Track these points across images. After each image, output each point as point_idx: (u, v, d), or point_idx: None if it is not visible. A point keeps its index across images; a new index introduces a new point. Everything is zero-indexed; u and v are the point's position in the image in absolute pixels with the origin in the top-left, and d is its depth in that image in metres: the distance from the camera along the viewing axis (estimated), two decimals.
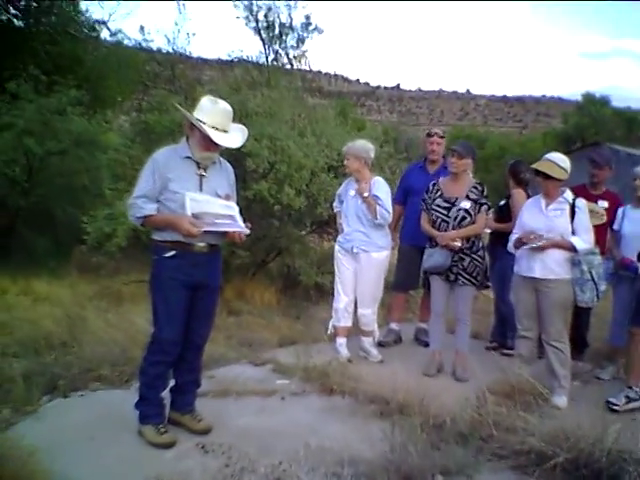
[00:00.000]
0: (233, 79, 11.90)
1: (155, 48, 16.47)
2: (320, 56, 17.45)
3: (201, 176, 3.25)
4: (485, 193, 4.51)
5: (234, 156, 7.67)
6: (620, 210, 4.71)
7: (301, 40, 18.92)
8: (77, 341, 5.17)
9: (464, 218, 4.44)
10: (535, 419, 3.45)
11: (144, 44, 15.32)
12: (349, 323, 4.88)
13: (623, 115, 44.84)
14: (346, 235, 4.84)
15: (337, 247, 4.95)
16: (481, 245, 4.55)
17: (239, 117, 7.71)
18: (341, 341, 4.88)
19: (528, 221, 4.22)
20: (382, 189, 4.73)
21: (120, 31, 15.07)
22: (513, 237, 4.31)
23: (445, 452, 3.15)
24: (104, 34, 15.28)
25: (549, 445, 3.05)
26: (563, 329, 4.16)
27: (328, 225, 8.56)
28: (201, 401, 3.59)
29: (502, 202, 5.29)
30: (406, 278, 5.29)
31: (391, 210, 4.76)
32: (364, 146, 4.77)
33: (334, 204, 5.20)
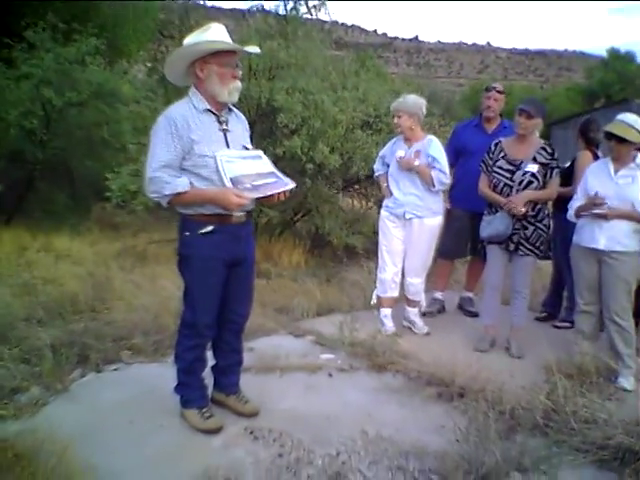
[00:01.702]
0: (252, 29, 11.41)
1: None
2: (337, 5, 16.75)
3: (224, 131, 2.80)
4: (555, 155, 4.09)
5: (263, 110, 7.31)
6: None
7: None
8: (105, 306, 4.93)
9: (530, 182, 4.03)
10: (613, 406, 3.16)
11: None
12: (396, 293, 4.55)
13: None
14: (396, 200, 4.42)
15: (384, 213, 4.52)
16: (547, 213, 4.16)
17: (269, 69, 7.30)
18: (386, 312, 4.56)
19: (594, 188, 3.81)
20: (439, 149, 4.33)
21: None
22: (575, 204, 3.92)
23: (519, 445, 2.86)
24: None
25: (635, 439, 2.75)
26: (627, 305, 3.82)
27: (360, 184, 8.20)
28: (244, 378, 3.30)
29: (567, 164, 4.86)
30: (455, 245, 4.93)
31: (449, 174, 4.37)
32: (416, 101, 4.35)
33: (375, 166, 4.76)
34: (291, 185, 2.84)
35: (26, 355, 3.77)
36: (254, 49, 2.95)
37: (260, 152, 2.92)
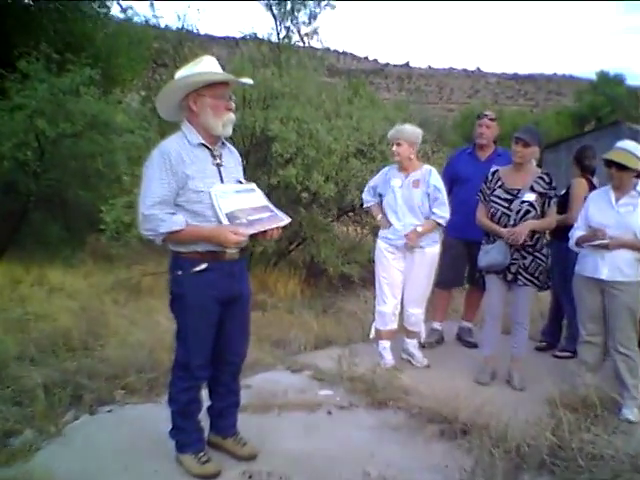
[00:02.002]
0: (245, 57, 11.48)
1: (164, 25, 16.01)
2: (329, 33, 16.94)
3: (218, 165, 2.74)
4: (553, 184, 4.06)
5: (257, 139, 7.32)
6: None
7: (313, 16, 18.34)
8: (99, 342, 4.84)
9: (528, 212, 4.00)
10: (620, 440, 3.09)
11: (154, 21, 14.89)
12: (395, 326, 4.48)
13: (637, 94, 44.05)
14: (396, 231, 4.35)
15: (383, 244, 4.43)
16: (544, 242, 4.13)
17: (263, 99, 7.33)
18: (385, 345, 4.48)
19: (595, 216, 3.78)
20: (439, 180, 4.33)
21: (130, 8, 14.56)
22: (575, 233, 3.89)
23: None
24: (114, 10, 14.78)
25: None
26: (633, 335, 3.76)
27: (355, 212, 8.18)
28: (241, 417, 3.19)
29: (563, 191, 4.85)
30: (452, 274, 4.88)
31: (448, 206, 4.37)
32: (415, 130, 4.33)
33: (365, 197, 4.66)
34: (286, 220, 2.80)
35: (18, 396, 3.69)
36: (247, 80, 2.91)
37: (253, 185, 2.86)
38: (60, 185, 9.36)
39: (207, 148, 2.73)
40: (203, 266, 2.68)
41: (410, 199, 4.31)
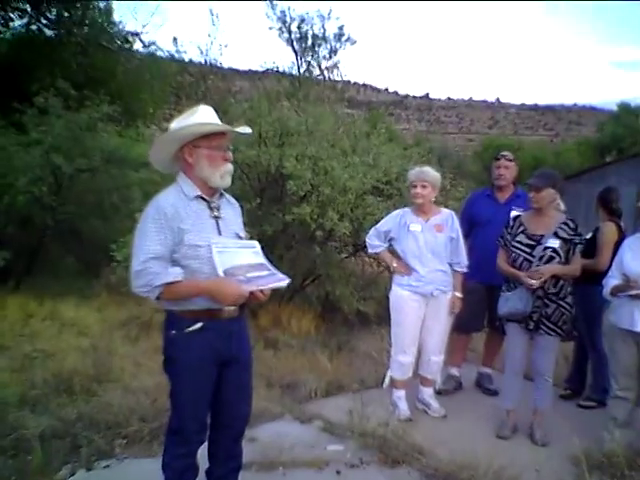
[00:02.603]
0: (264, 90, 11.52)
1: (187, 59, 16.27)
2: (349, 66, 17.16)
3: (216, 218, 2.59)
4: (579, 230, 3.87)
5: (272, 176, 7.24)
6: None
7: (333, 51, 18.53)
8: (102, 386, 4.70)
9: (552, 258, 3.79)
10: None
11: (177, 55, 15.11)
12: (410, 374, 4.29)
13: None
14: (421, 277, 4.15)
15: (405, 293, 4.19)
16: (570, 291, 3.90)
17: (279, 136, 7.26)
18: (400, 394, 4.28)
19: (632, 265, 3.57)
20: (458, 226, 4.20)
21: (154, 43, 14.77)
22: (610, 282, 3.67)
23: None
24: (137, 45, 15.01)
25: None
26: None
27: None
28: (244, 476, 2.99)
29: (589, 235, 4.66)
30: (470, 319, 4.65)
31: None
32: (437, 173, 4.21)
33: (372, 242, 4.40)
34: (286, 281, 2.59)
35: (16, 446, 3.54)
36: (245, 130, 2.76)
37: (255, 243, 2.69)
38: (76, 219, 9.36)
39: (204, 200, 2.59)
40: (198, 325, 2.50)
41: (435, 244, 4.15)
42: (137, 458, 3.50)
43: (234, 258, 2.50)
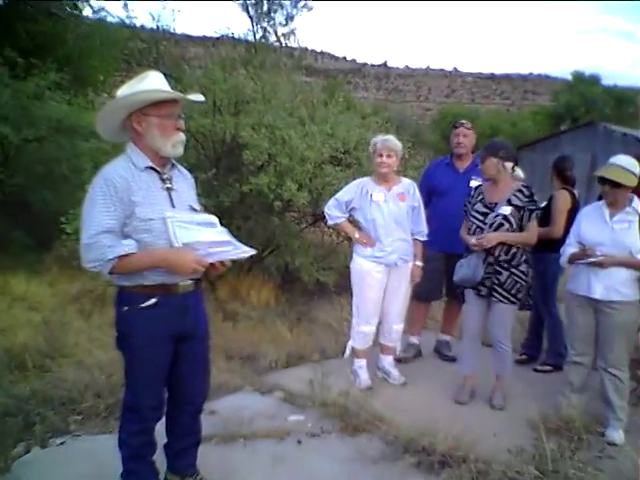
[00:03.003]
0: (218, 57, 11.20)
1: (139, 25, 15.70)
2: (307, 33, 16.78)
3: (168, 190, 2.48)
4: (534, 197, 3.87)
5: (228, 146, 7.08)
6: None
7: (290, 17, 18.16)
8: (56, 362, 4.57)
9: (501, 225, 3.81)
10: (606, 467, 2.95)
11: (127, 21, 14.58)
12: (371, 343, 4.30)
13: (612, 93, 44.47)
14: (385, 247, 4.10)
15: (369, 264, 4.13)
16: (525, 258, 3.91)
17: (234, 104, 7.08)
18: (362, 363, 4.28)
19: (589, 233, 3.61)
20: (419, 196, 4.18)
21: (103, 9, 14.17)
22: (567, 250, 3.71)
23: None
24: (86, 12, 14.37)
25: None
26: (624, 355, 3.60)
27: None
28: (204, 448, 2.95)
29: (544, 203, 4.71)
30: (430, 287, 4.65)
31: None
32: (398, 141, 4.15)
33: (332, 212, 4.28)
34: (251, 252, 2.53)
35: None
36: (197, 97, 2.64)
37: (214, 218, 2.58)
38: (24, 191, 9.00)
39: (155, 171, 2.47)
40: (152, 301, 2.41)
41: (398, 214, 4.11)
42: (93, 435, 3.42)
43: (195, 235, 2.41)
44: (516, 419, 3.75)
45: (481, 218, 3.89)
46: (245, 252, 2.50)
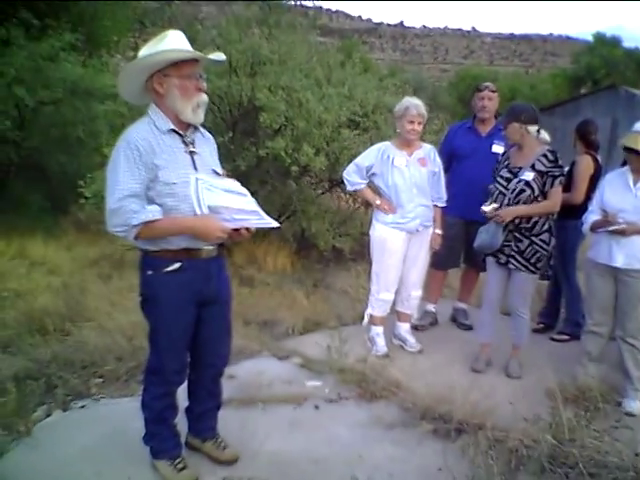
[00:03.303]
0: (232, 16, 11.01)
1: None
2: None
3: (192, 153, 2.46)
4: (559, 162, 3.77)
5: (245, 108, 6.98)
6: None
7: None
8: (77, 325, 4.62)
9: (522, 191, 3.73)
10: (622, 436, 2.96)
11: None
12: (389, 310, 4.30)
13: (634, 56, 43.32)
14: (407, 213, 4.04)
15: (393, 231, 4.07)
16: (547, 227, 3.83)
17: (250, 65, 6.96)
18: (379, 331, 4.27)
19: (611, 201, 3.54)
20: (440, 161, 4.12)
21: None
22: (589, 217, 3.64)
23: None
24: None
25: None
26: None
27: None
28: (224, 412, 2.99)
29: (566, 169, 4.62)
30: (449, 255, 4.58)
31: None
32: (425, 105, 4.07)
33: (353, 178, 4.18)
34: (274, 224, 2.53)
35: None
36: (219, 56, 2.57)
37: (244, 190, 2.54)
38: (41, 154, 9.01)
39: (178, 134, 2.45)
40: (176, 265, 2.43)
41: (420, 179, 4.05)
42: (114, 398, 3.48)
43: (223, 199, 2.41)
44: (533, 388, 3.75)
45: (504, 184, 3.82)
46: (268, 223, 2.50)
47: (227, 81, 6.59)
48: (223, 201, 2.41)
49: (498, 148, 4.30)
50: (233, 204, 2.43)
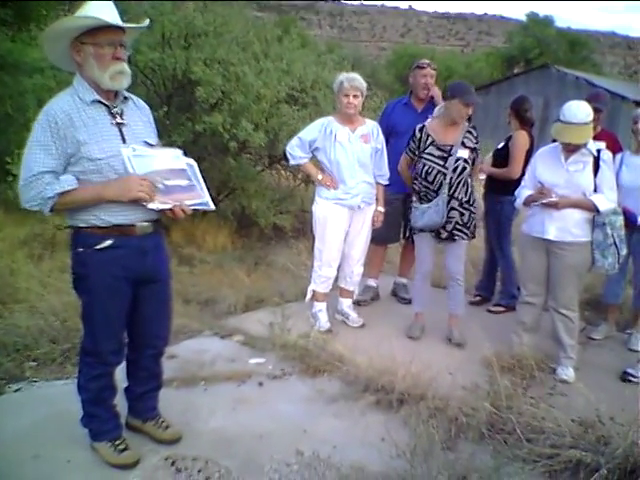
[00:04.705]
0: None
1: None
2: None
3: (119, 125, 2.35)
4: (478, 137, 4.00)
5: (179, 82, 6.79)
6: (618, 157, 4.10)
7: None
8: (8, 308, 4.43)
9: (464, 169, 3.86)
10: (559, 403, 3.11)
11: None
12: (331, 286, 4.31)
13: (566, 36, 44.66)
14: (349, 189, 4.03)
15: (333, 207, 4.06)
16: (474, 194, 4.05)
17: (184, 37, 6.76)
18: (321, 307, 4.28)
19: (544, 175, 3.63)
20: (382, 138, 4.15)
21: None
22: (523, 192, 3.75)
23: (461, 455, 2.69)
24: None
25: (586, 452, 2.62)
26: (575, 296, 3.70)
27: (287, 161, 7.86)
28: (165, 392, 2.93)
29: (501, 145, 4.71)
30: (388, 230, 4.60)
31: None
32: (363, 80, 4.03)
33: (295, 152, 4.12)
34: (211, 206, 2.45)
35: None
36: (136, 25, 2.42)
37: (179, 152, 2.48)
38: None
39: (104, 105, 2.33)
40: (107, 242, 2.33)
41: (362, 155, 4.04)
42: (49, 380, 3.37)
43: (151, 163, 2.30)
44: (471, 358, 3.86)
45: (441, 163, 3.88)
46: (205, 204, 2.43)
47: (160, 53, 6.37)
48: (152, 165, 2.32)
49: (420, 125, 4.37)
50: (162, 165, 2.34)
